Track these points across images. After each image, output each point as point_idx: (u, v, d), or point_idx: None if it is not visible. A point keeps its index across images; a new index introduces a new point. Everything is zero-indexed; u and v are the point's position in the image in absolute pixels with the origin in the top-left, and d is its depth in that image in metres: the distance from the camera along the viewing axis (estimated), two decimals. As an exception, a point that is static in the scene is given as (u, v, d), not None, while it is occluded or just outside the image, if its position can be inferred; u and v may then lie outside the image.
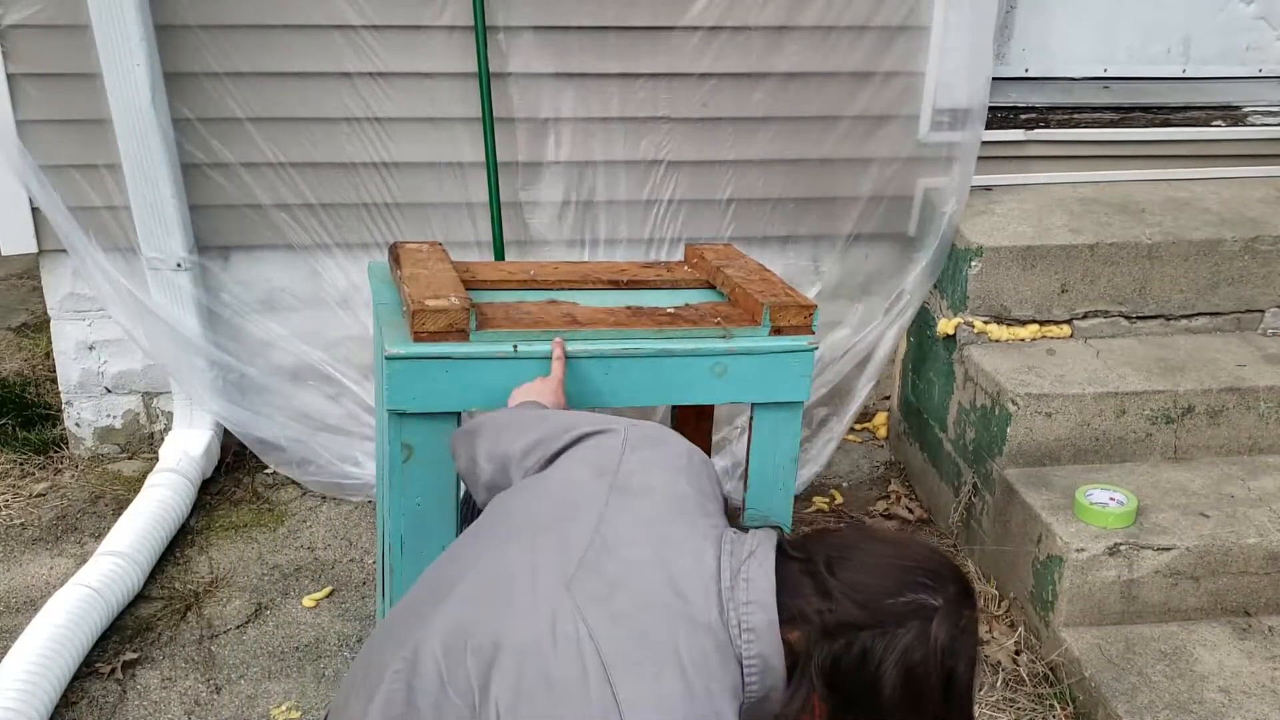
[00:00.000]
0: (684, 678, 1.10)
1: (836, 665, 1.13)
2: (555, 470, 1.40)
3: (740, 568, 1.19)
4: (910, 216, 3.03)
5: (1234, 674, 2.17)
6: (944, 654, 1.12)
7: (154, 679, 2.28)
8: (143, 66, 2.57)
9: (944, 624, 1.12)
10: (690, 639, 1.13)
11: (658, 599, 1.16)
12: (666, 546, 1.21)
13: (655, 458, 1.37)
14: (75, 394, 3.04)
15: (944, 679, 1.12)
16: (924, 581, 1.15)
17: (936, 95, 2.89)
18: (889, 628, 1.12)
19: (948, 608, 1.13)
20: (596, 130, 2.85)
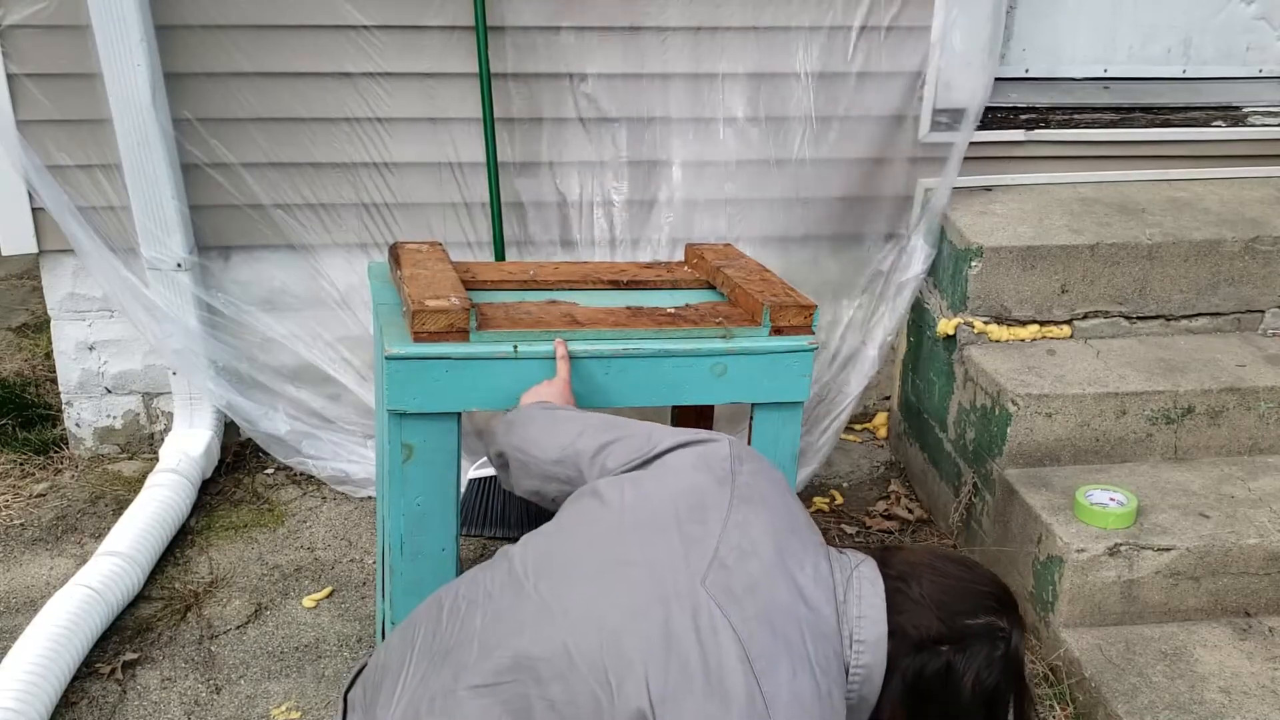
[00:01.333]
0: (815, 678, 1.18)
1: (920, 677, 1.23)
2: (667, 473, 1.43)
3: (850, 581, 1.27)
4: (910, 216, 3.02)
5: (1234, 674, 2.17)
6: (1015, 673, 1.24)
7: (154, 679, 2.28)
8: (143, 66, 2.57)
9: (1015, 645, 1.25)
10: (818, 644, 1.21)
11: (788, 605, 1.23)
12: (789, 557, 1.27)
13: (761, 469, 1.43)
14: (75, 394, 3.04)
15: (1017, 695, 1.25)
16: (993, 605, 1.28)
17: (937, 95, 2.89)
18: (968, 645, 1.23)
19: (1015, 631, 1.26)
20: (600, 128, 2.86)
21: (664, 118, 2.87)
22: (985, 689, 1.22)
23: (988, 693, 1.23)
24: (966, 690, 1.22)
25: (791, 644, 1.19)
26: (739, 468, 1.39)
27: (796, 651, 1.19)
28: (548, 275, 2.26)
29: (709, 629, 1.18)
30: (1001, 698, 1.24)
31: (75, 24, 2.57)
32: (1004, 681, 1.24)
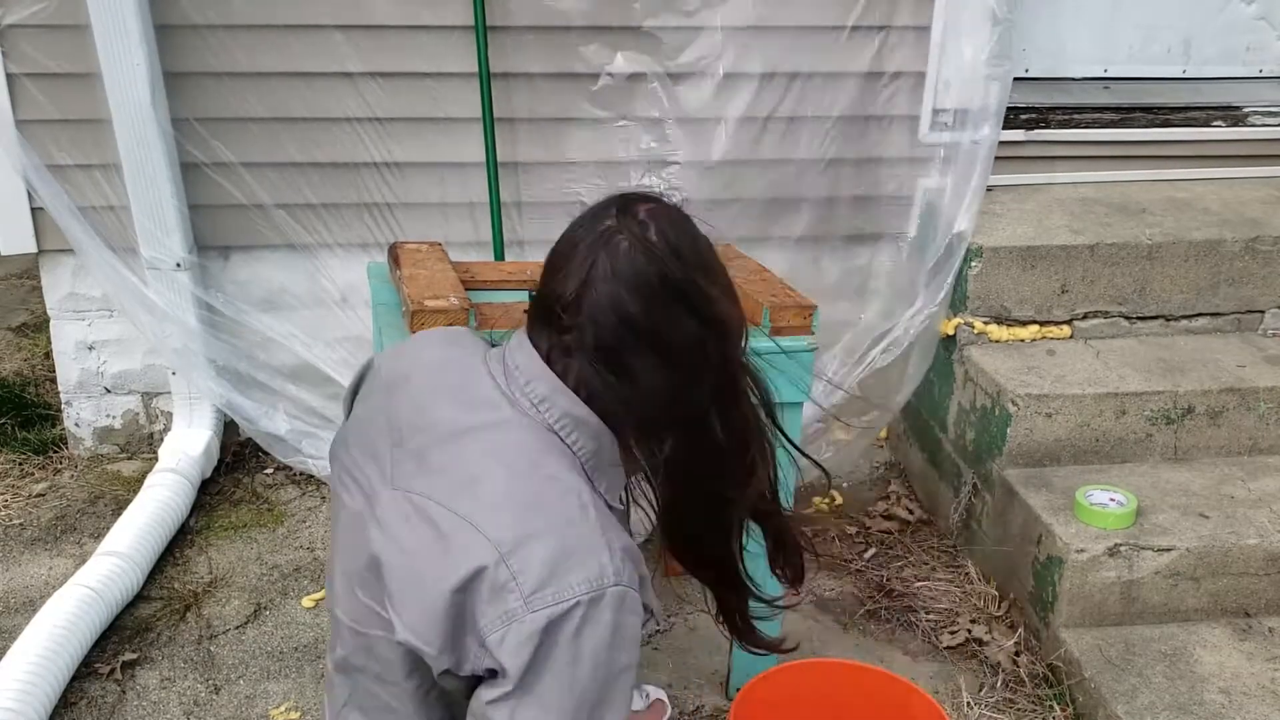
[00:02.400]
0: (505, 467, 1.19)
1: (597, 336, 1.21)
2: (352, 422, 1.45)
3: (506, 361, 1.27)
4: (911, 217, 3.02)
5: (1234, 675, 2.17)
6: (645, 242, 1.20)
7: (153, 679, 2.28)
8: (142, 66, 2.57)
9: (627, 223, 1.21)
10: (498, 439, 1.21)
11: (455, 428, 1.24)
12: (440, 387, 1.30)
13: (406, 349, 1.44)
14: (74, 394, 3.04)
15: (672, 253, 1.21)
16: (592, 216, 1.25)
17: (937, 96, 2.88)
18: (591, 287, 1.20)
19: (623, 217, 1.22)
20: (602, 128, 2.86)
21: (662, 118, 2.87)
22: (636, 276, 1.19)
23: (648, 286, 1.19)
24: (626, 298, 1.19)
25: (473, 459, 1.20)
26: (384, 366, 1.42)
27: (479, 463, 1.20)
28: (547, 275, 2.26)
29: (412, 514, 1.20)
30: (671, 281, 1.20)
31: (75, 24, 2.57)
32: (651, 261, 1.20)
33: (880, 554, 2.77)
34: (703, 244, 1.27)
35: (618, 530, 1.18)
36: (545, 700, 1.12)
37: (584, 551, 1.14)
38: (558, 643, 1.11)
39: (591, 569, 1.12)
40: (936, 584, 2.65)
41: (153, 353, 2.99)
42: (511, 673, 1.11)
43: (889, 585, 2.64)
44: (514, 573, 1.11)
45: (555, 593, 1.11)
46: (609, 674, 1.13)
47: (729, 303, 1.27)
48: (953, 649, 2.43)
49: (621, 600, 1.13)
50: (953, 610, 2.55)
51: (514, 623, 1.11)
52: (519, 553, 1.12)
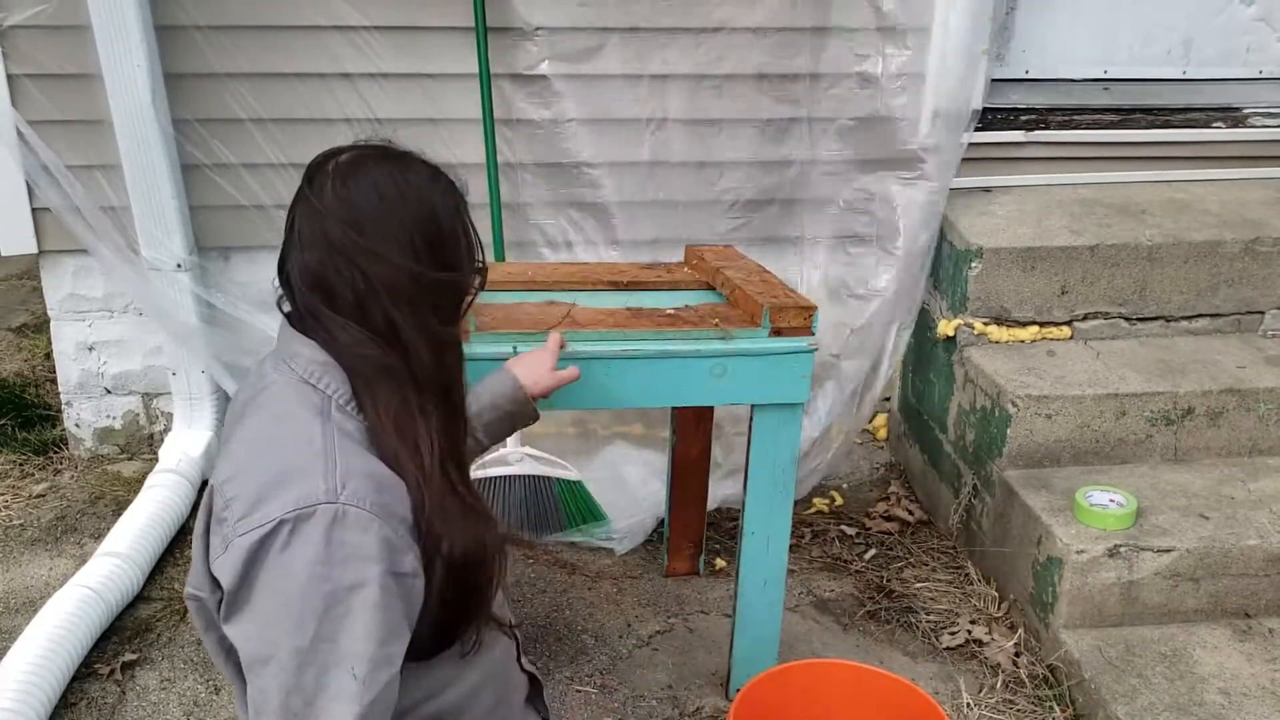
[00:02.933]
0: (256, 420, 1.31)
1: (300, 297, 1.34)
2: None
3: (277, 348, 1.39)
4: (910, 218, 3.02)
5: (1234, 676, 2.17)
6: (317, 202, 1.29)
7: (153, 680, 2.28)
8: (143, 67, 2.57)
9: (313, 185, 1.30)
10: (261, 400, 1.33)
11: (241, 405, 1.39)
12: (249, 375, 1.45)
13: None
14: (75, 395, 3.04)
15: (338, 209, 1.28)
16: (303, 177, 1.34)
17: (936, 96, 2.88)
18: (289, 232, 1.34)
19: (312, 178, 1.31)
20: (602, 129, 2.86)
21: (663, 119, 2.87)
22: (313, 244, 1.29)
23: (318, 247, 1.29)
24: (309, 266, 1.30)
25: (239, 426, 1.34)
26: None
27: (243, 427, 1.32)
28: (547, 276, 2.26)
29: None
30: (333, 241, 1.28)
31: (76, 25, 2.57)
32: (318, 220, 1.28)
33: (880, 555, 2.77)
34: (376, 192, 1.28)
35: (358, 458, 1.23)
36: (264, 615, 1.19)
37: (295, 475, 1.20)
38: (265, 559, 1.18)
39: (301, 489, 1.19)
40: (936, 585, 2.65)
41: (153, 353, 2.99)
42: (229, 591, 1.20)
43: (889, 586, 2.64)
44: (228, 500, 1.22)
45: (262, 515, 1.18)
46: (331, 589, 1.17)
47: (390, 254, 1.28)
48: (953, 650, 2.43)
49: (335, 517, 1.18)
50: (953, 611, 2.55)
51: (228, 546, 1.20)
52: (234, 481, 1.23)
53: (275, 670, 1.18)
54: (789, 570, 2.26)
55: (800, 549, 2.77)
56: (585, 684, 2.31)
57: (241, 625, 1.21)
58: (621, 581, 2.66)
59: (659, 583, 2.66)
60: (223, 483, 1.24)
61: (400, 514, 1.24)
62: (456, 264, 1.34)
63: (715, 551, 2.75)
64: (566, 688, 2.29)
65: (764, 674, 1.92)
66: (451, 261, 1.33)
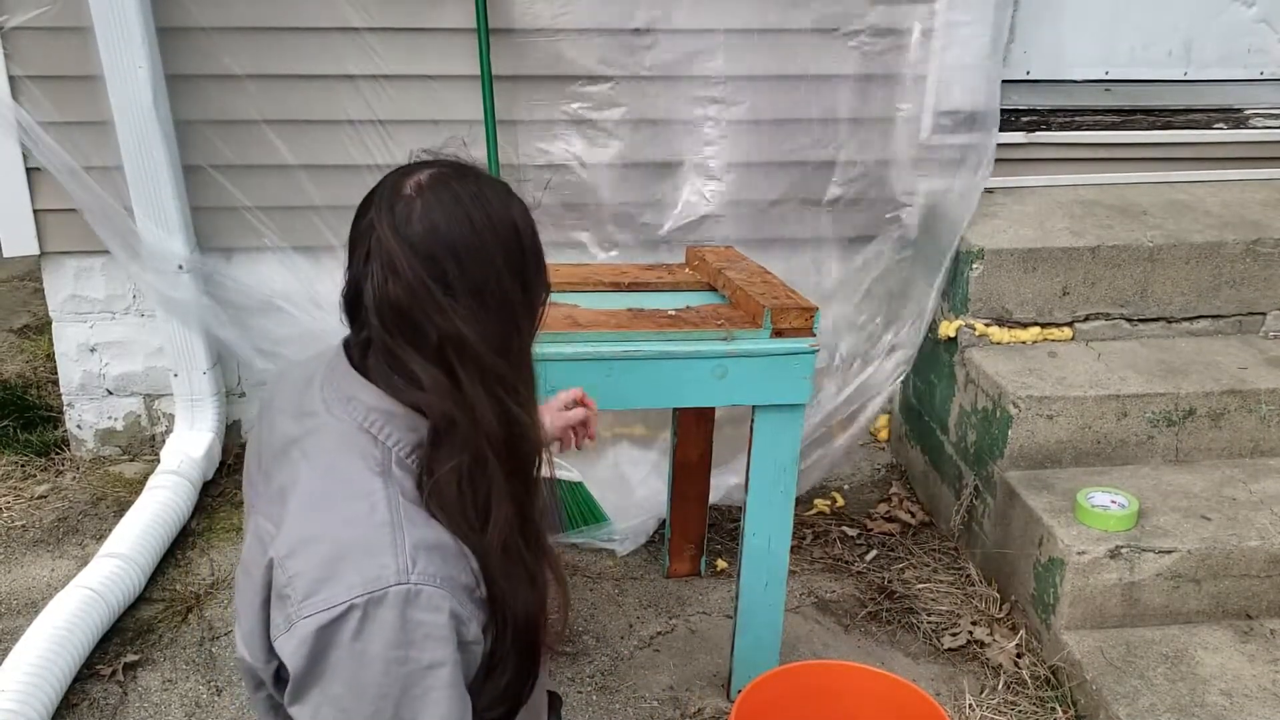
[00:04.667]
0: (309, 472, 1.18)
1: (378, 330, 1.18)
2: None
3: (330, 362, 1.26)
4: (912, 220, 3.02)
5: (1235, 677, 2.17)
6: (401, 232, 1.18)
7: (155, 681, 2.28)
8: (144, 69, 2.57)
9: (387, 209, 1.21)
10: (310, 445, 1.20)
11: (285, 440, 1.24)
12: (286, 403, 1.29)
13: (287, 366, 1.43)
14: (76, 396, 3.04)
15: (426, 239, 1.17)
16: (368, 195, 1.27)
17: (938, 97, 2.89)
18: (366, 261, 1.22)
19: (386, 200, 1.23)
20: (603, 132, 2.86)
21: (666, 119, 2.87)
22: (396, 276, 1.17)
23: (405, 280, 1.16)
24: (391, 297, 1.16)
25: (286, 470, 1.21)
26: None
27: (291, 473, 1.20)
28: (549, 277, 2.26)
29: (252, 539, 1.23)
30: (419, 277, 1.15)
31: (77, 26, 2.57)
32: (404, 254, 1.17)
33: (881, 556, 2.77)
34: (469, 221, 1.17)
35: (425, 528, 1.14)
36: (338, 700, 1.11)
37: (360, 553, 1.11)
38: (337, 645, 1.09)
39: (368, 570, 1.09)
40: (938, 586, 2.65)
41: (155, 354, 3.00)
42: (295, 674, 1.11)
43: (890, 587, 2.64)
44: (290, 577, 1.11)
45: (327, 597, 1.09)
46: (408, 673, 1.10)
47: (485, 295, 1.17)
48: (954, 651, 2.43)
49: (408, 598, 1.09)
50: (954, 612, 2.55)
51: (291, 626, 1.10)
52: (296, 557, 1.12)
53: None
54: (790, 571, 2.26)
55: (801, 550, 2.77)
56: (586, 685, 2.31)
57: (310, 707, 1.12)
58: (623, 582, 2.66)
59: (660, 584, 2.66)
60: (284, 558, 1.13)
61: (465, 583, 1.15)
62: (540, 286, 1.25)
63: (716, 552, 2.75)
64: (568, 689, 2.29)
65: (765, 675, 1.92)
66: (536, 284, 1.24)
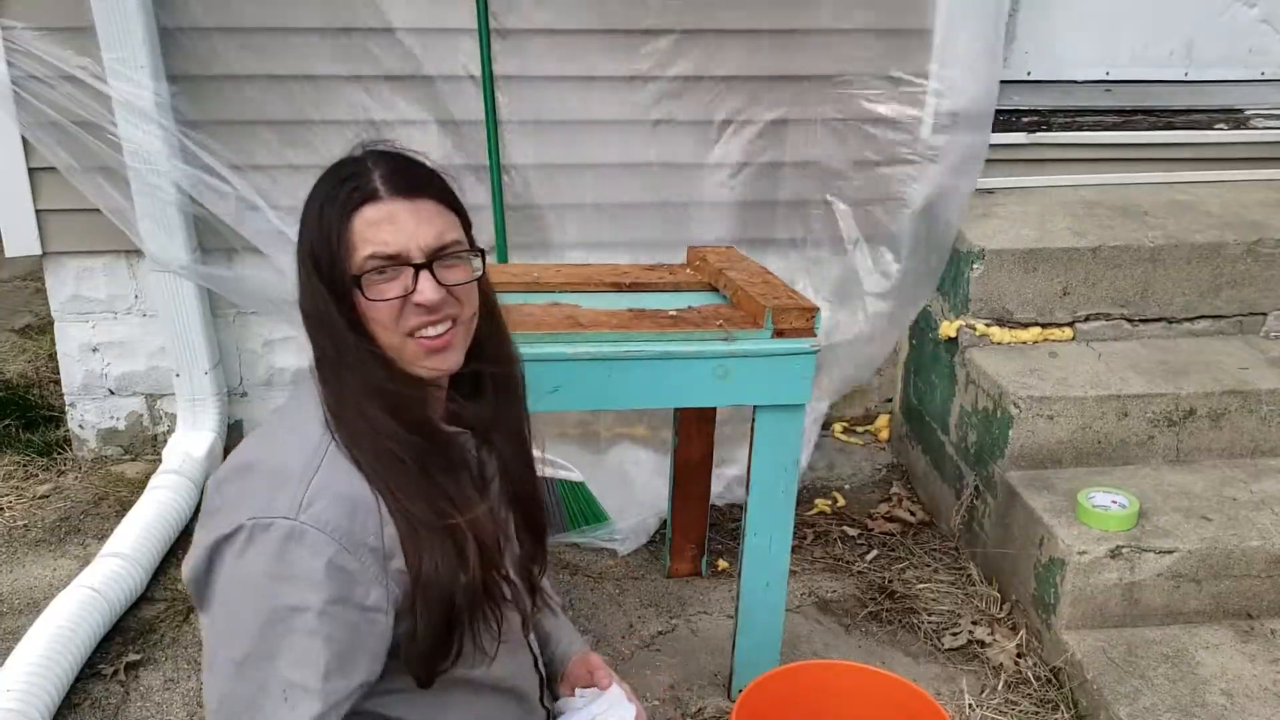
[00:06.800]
0: (277, 412, 1.39)
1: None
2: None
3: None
4: (912, 220, 3.02)
5: (1236, 677, 2.17)
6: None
7: (157, 680, 2.29)
8: (146, 69, 2.58)
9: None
10: (290, 396, 1.39)
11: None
12: None
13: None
14: (78, 396, 3.05)
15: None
16: None
17: (939, 97, 2.88)
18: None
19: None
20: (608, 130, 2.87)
21: (668, 120, 2.87)
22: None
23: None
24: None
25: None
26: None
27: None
28: (550, 278, 2.26)
29: None
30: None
31: (79, 25, 2.57)
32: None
33: (882, 555, 2.77)
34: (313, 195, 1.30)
35: (342, 476, 1.21)
36: (213, 618, 1.21)
37: (271, 486, 1.20)
38: (223, 559, 1.19)
39: (267, 499, 1.18)
40: (938, 586, 2.65)
41: (157, 354, 3.00)
42: (192, 586, 1.23)
43: (891, 587, 2.64)
44: (217, 499, 1.25)
45: (230, 517, 1.19)
46: (272, 607, 1.16)
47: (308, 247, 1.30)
48: (954, 651, 2.43)
49: (290, 533, 1.16)
50: (954, 612, 2.55)
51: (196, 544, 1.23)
52: (223, 484, 1.25)
53: (215, 676, 1.19)
54: (791, 571, 2.26)
55: (802, 550, 2.77)
56: (588, 685, 2.31)
57: (201, 623, 1.23)
58: (624, 582, 2.66)
59: (661, 583, 2.66)
60: (220, 481, 1.25)
61: (371, 544, 1.20)
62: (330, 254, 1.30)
63: (717, 552, 2.75)
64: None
65: (766, 675, 1.92)
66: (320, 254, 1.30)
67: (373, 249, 1.24)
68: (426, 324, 1.27)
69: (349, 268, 1.25)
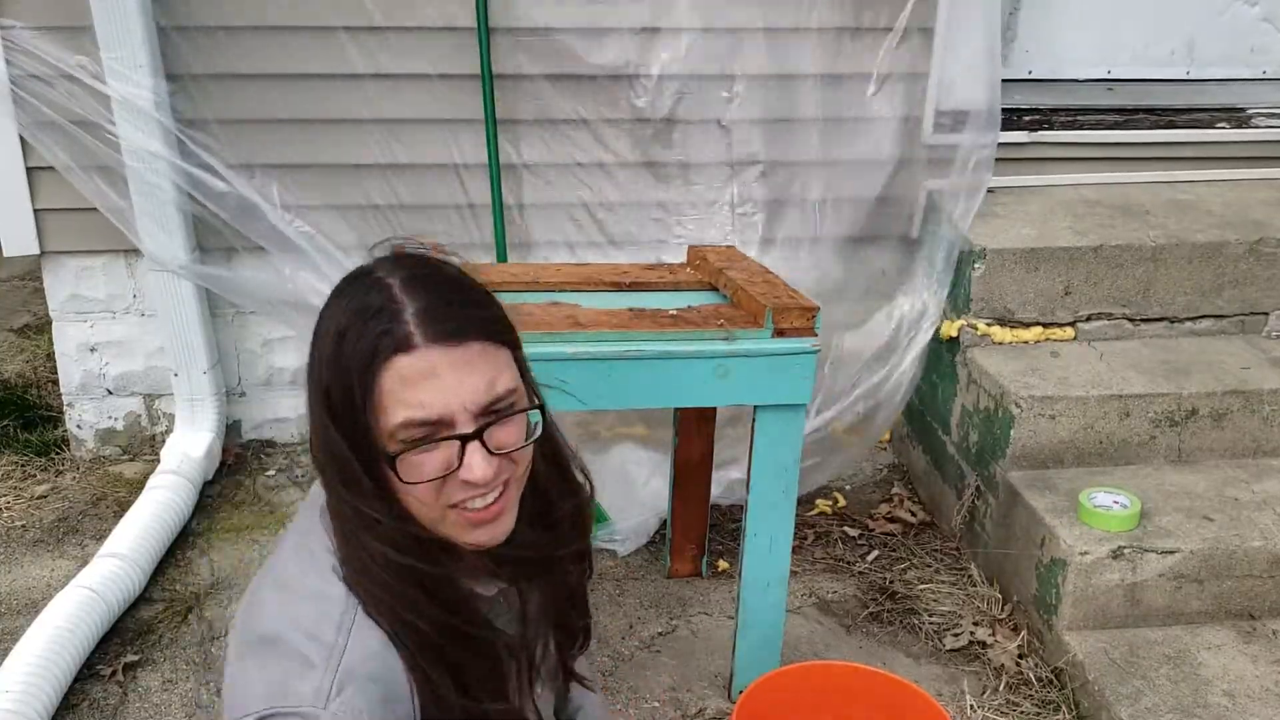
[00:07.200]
0: (288, 541, 1.15)
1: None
2: None
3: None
4: (914, 219, 3.02)
5: (1238, 678, 2.16)
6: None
7: (155, 681, 2.28)
8: (145, 67, 2.57)
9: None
10: (300, 512, 1.18)
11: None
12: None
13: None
14: (77, 396, 3.04)
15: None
16: None
17: (940, 97, 2.88)
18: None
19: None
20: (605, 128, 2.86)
21: (670, 119, 2.87)
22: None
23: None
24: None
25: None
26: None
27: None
28: (550, 277, 2.26)
29: None
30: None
31: (78, 25, 2.56)
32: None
33: (883, 556, 2.77)
34: (321, 315, 1.09)
35: (370, 649, 1.05)
36: None
37: (294, 667, 1.04)
38: None
39: (287, 679, 1.03)
40: (939, 586, 2.64)
41: (155, 354, 2.99)
42: None
43: (892, 588, 2.63)
44: (236, 673, 1.09)
45: (246, 702, 1.04)
46: None
47: (322, 394, 1.07)
48: (955, 652, 2.42)
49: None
50: (956, 613, 2.55)
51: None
52: (244, 657, 1.09)
53: None
54: (791, 572, 2.26)
55: (803, 550, 2.76)
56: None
57: None
58: (624, 583, 2.65)
59: (661, 584, 2.65)
60: (239, 648, 1.09)
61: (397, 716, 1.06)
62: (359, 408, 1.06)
63: (718, 553, 2.74)
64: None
65: (767, 676, 1.92)
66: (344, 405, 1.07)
67: (408, 414, 1.03)
68: (473, 497, 1.08)
69: (378, 434, 1.04)
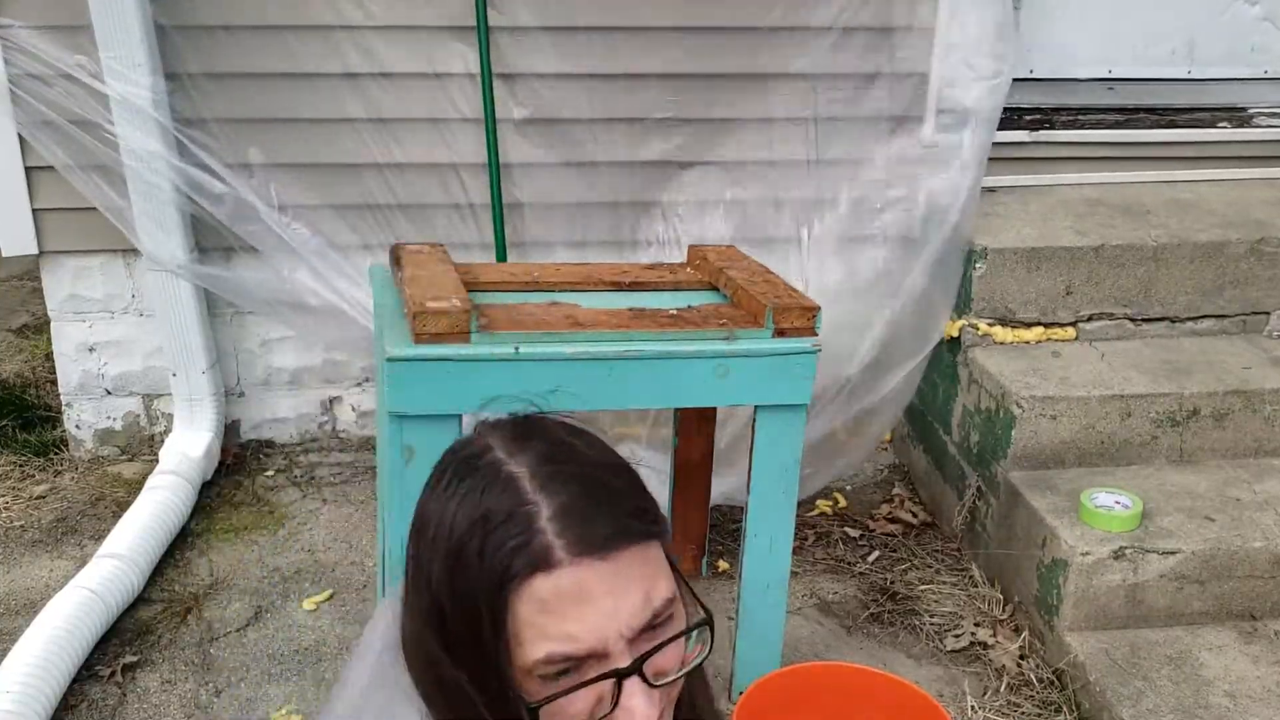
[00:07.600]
0: (354, 681, 1.07)
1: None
2: None
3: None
4: (914, 219, 3.01)
5: (1240, 678, 2.16)
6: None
7: (154, 682, 2.27)
8: (144, 66, 2.56)
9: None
10: (365, 655, 1.08)
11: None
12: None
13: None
14: (75, 396, 3.03)
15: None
16: None
17: (940, 96, 2.87)
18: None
19: None
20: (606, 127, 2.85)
21: (672, 119, 2.86)
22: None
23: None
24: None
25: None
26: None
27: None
28: (550, 276, 2.25)
29: None
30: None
31: (77, 24, 2.56)
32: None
33: (884, 557, 2.76)
34: (427, 509, 0.92)
35: None
36: None
37: None
38: None
39: None
40: (940, 587, 2.63)
41: (154, 354, 2.99)
42: None
43: (892, 588, 2.63)
44: None
45: None
46: None
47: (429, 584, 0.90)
48: (956, 652, 2.42)
49: None
50: (957, 613, 2.54)
51: None
52: None
53: None
54: (792, 572, 2.25)
55: (803, 551, 2.76)
56: (587, 686, 2.30)
57: None
58: (624, 583, 2.64)
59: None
60: None
61: None
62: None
63: (718, 553, 2.74)
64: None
65: (767, 677, 1.91)
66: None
67: (551, 648, 0.83)
68: None
69: (511, 672, 0.85)
